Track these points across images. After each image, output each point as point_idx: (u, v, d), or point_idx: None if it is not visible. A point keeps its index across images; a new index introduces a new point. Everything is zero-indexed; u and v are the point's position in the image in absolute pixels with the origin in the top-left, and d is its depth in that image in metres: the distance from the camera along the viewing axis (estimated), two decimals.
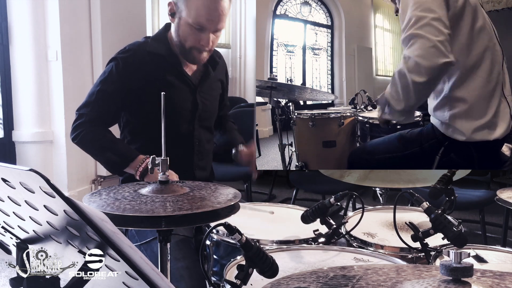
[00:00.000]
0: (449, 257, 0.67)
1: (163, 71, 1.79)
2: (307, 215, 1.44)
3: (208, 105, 1.89)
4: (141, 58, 1.78)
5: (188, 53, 1.76)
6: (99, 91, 1.76)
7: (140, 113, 1.80)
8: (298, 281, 0.77)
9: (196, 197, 1.14)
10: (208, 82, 1.90)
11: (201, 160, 1.89)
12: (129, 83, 1.76)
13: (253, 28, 6.16)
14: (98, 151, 1.76)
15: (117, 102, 1.78)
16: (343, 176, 1.99)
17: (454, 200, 1.36)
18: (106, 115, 1.78)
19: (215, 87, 1.96)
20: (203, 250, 1.39)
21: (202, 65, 1.87)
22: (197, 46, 1.74)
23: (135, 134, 1.85)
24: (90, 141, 1.75)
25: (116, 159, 1.72)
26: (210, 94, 1.91)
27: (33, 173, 0.63)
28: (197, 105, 1.84)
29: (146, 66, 1.77)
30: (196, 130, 1.85)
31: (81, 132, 1.74)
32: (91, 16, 3.62)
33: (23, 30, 3.42)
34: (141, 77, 1.76)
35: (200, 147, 1.88)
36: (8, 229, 0.84)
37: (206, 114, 1.89)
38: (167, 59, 1.79)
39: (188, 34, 1.73)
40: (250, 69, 6.36)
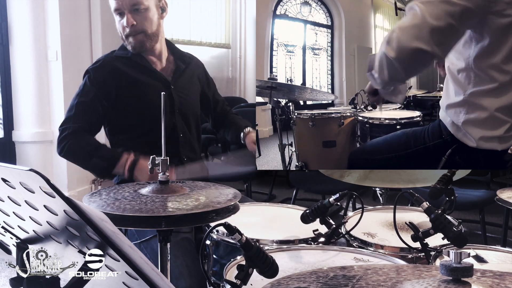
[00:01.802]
0: (449, 257, 0.67)
1: (133, 72, 1.89)
2: (307, 215, 1.44)
3: (186, 99, 1.97)
4: (111, 65, 1.90)
5: (128, 42, 1.87)
6: (78, 104, 1.86)
7: (119, 115, 1.89)
8: (298, 281, 0.77)
9: (196, 197, 1.14)
10: (183, 77, 1.99)
11: (188, 152, 1.95)
12: (104, 89, 1.86)
13: (253, 28, 6.17)
14: (84, 159, 1.83)
15: (96, 110, 1.86)
16: (343, 176, 1.99)
17: (454, 200, 1.36)
18: (88, 125, 1.86)
19: (191, 83, 2.04)
20: (203, 250, 1.39)
21: (173, 63, 1.98)
22: (126, 31, 1.84)
23: (119, 136, 1.93)
24: (75, 151, 1.82)
25: (102, 163, 1.78)
26: (187, 89, 1.99)
27: (33, 173, 0.63)
28: (173, 99, 1.91)
29: (117, 70, 1.88)
30: (179, 123, 1.93)
31: (65, 144, 1.81)
32: (91, 16, 3.63)
33: (23, 30, 3.42)
34: (114, 81, 1.87)
35: (185, 139, 1.95)
36: (8, 229, 0.84)
37: (185, 107, 1.96)
38: (133, 59, 1.90)
39: (117, 25, 1.86)
40: (250, 69, 6.36)
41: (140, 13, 1.81)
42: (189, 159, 1.95)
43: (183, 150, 1.93)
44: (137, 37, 1.84)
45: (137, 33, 1.84)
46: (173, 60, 2.00)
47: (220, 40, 6.06)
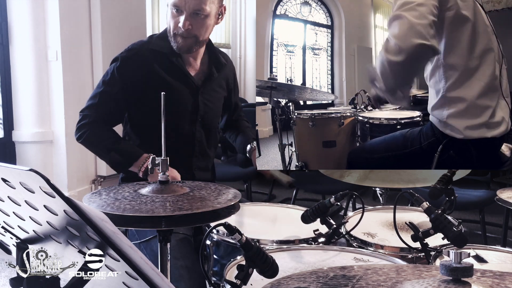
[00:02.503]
0: (449, 257, 0.67)
1: (164, 71, 1.79)
2: (307, 215, 1.44)
3: (211, 107, 1.89)
4: (143, 57, 1.78)
5: (174, 40, 1.76)
6: (102, 93, 1.78)
7: (141, 112, 1.81)
8: (298, 281, 0.77)
9: (196, 197, 1.14)
10: (212, 84, 1.89)
11: (201, 161, 1.89)
12: (131, 83, 1.77)
13: (253, 28, 6.16)
14: (102, 151, 1.79)
15: (119, 102, 1.79)
16: (343, 176, 1.99)
17: (454, 200, 1.36)
18: (109, 116, 1.80)
19: (219, 89, 1.95)
20: (203, 250, 1.39)
21: (207, 66, 1.88)
22: (178, 31, 1.73)
23: (136, 132, 1.86)
24: (95, 142, 1.78)
25: (120, 159, 1.74)
26: (213, 96, 1.91)
27: (33, 173, 0.63)
28: (198, 106, 1.84)
29: (148, 65, 1.78)
30: (198, 131, 1.85)
31: (85, 132, 1.76)
32: (91, 16, 3.62)
33: (23, 30, 3.42)
34: (142, 76, 1.77)
35: (201, 149, 1.88)
36: (8, 229, 0.84)
37: (208, 116, 1.88)
38: (169, 57, 1.79)
39: (170, 19, 1.74)
40: (250, 69, 6.35)
41: (198, 18, 1.71)
42: (200, 169, 1.89)
43: (195, 160, 1.87)
44: (187, 40, 1.74)
45: (189, 36, 1.73)
46: (208, 61, 1.90)
47: (220, 40, 6.06)
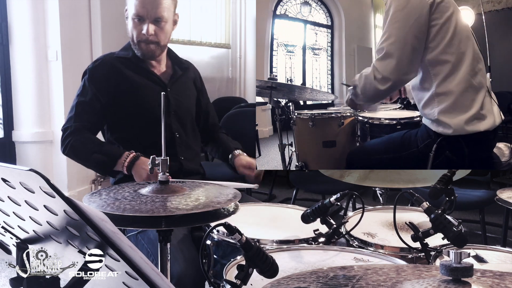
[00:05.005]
0: (449, 257, 0.67)
1: (131, 73, 1.93)
2: (307, 215, 1.44)
3: (182, 101, 2.02)
4: (110, 64, 1.94)
5: (139, 47, 1.91)
6: (78, 104, 1.91)
7: (118, 114, 1.93)
8: (298, 281, 0.77)
9: (196, 197, 1.14)
10: (179, 82, 2.04)
11: (185, 152, 1.98)
12: (102, 87, 1.90)
13: (253, 28, 6.16)
14: (86, 155, 1.87)
15: (96, 108, 1.90)
16: (343, 176, 1.99)
17: (454, 200, 1.36)
18: (89, 123, 1.91)
19: (187, 88, 2.09)
20: (203, 250, 1.39)
21: (171, 68, 2.04)
22: (142, 38, 1.88)
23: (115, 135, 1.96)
24: (78, 147, 1.86)
25: (104, 159, 1.82)
26: (182, 92, 2.04)
27: (33, 173, 0.63)
28: (169, 101, 1.95)
29: (115, 70, 1.92)
30: (174, 124, 1.96)
31: (69, 142, 1.85)
32: (91, 16, 3.62)
33: (23, 30, 3.42)
34: (112, 80, 1.91)
35: (181, 140, 1.98)
36: (8, 229, 0.84)
37: (181, 110, 2.00)
38: (133, 61, 1.94)
39: (132, 28, 1.90)
40: (250, 69, 6.36)
41: (159, 25, 1.88)
42: (186, 159, 1.97)
43: (179, 150, 1.96)
44: (150, 46, 1.90)
45: (151, 42, 1.89)
46: (171, 65, 2.06)
47: (220, 40, 6.06)
